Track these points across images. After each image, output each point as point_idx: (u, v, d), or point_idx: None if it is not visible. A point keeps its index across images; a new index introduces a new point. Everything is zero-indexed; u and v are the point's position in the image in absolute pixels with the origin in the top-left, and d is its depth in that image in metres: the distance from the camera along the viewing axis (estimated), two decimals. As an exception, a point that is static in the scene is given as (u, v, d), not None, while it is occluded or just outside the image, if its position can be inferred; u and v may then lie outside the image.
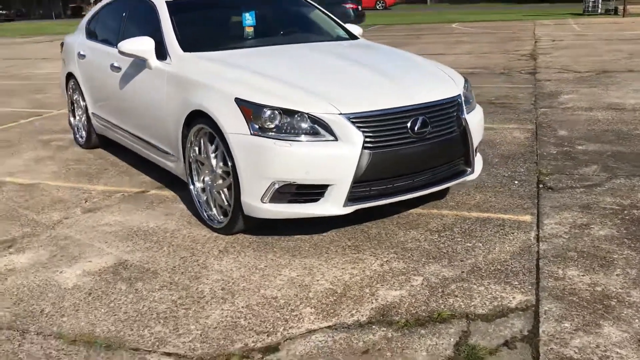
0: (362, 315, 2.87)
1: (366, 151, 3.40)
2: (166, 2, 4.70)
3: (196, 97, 3.80)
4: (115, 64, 4.94)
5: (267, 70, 3.88)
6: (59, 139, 6.76)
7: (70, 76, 6.19)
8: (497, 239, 3.66)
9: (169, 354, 2.63)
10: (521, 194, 4.43)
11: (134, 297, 3.13)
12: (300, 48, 4.49)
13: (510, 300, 2.96)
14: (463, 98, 3.95)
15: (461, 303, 2.95)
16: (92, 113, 5.78)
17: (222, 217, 3.83)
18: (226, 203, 3.75)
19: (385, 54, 4.62)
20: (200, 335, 2.76)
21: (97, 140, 6.01)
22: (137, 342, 2.73)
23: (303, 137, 3.39)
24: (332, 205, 3.44)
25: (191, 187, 4.10)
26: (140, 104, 4.60)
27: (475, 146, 3.97)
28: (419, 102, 3.61)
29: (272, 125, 3.41)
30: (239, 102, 3.50)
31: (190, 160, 4.03)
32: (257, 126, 3.43)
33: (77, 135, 6.36)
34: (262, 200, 3.47)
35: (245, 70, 3.85)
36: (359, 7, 23.06)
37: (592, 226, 3.80)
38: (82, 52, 5.83)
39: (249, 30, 4.86)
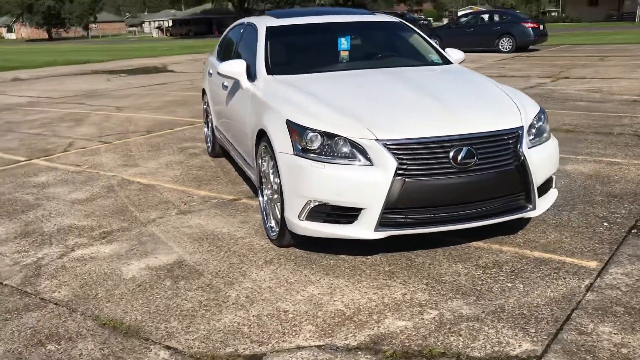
0: (355, 340, 2.91)
1: (399, 178, 3.41)
2: (267, 27, 5.08)
3: (263, 116, 4.09)
4: (225, 83, 5.44)
5: (328, 94, 4.04)
6: (195, 147, 7.52)
7: (203, 92, 6.90)
8: (543, 283, 3.42)
9: (168, 347, 2.92)
10: (603, 237, 4.05)
11: (171, 294, 3.48)
12: (375, 73, 4.56)
13: (514, 348, 2.79)
14: (529, 130, 3.75)
15: (461, 343, 2.85)
16: (215, 125, 6.38)
17: (276, 229, 4.06)
18: (279, 216, 3.98)
19: (460, 81, 4.50)
20: (204, 335, 3.01)
21: (219, 150, 6.61)
22: (150, 332, 3.06)
23: (340, 160, 3.51)
24: (364, 229, 3.50)
25: (260, 198, 4.39)
26: (235, 119, 5.04)
27: (538, 182, 3.74)
28: (466, 132, 3.52)
29: (314, 147, 3.57)
30: (289, 123, 3.71)
31: (261, 173, 4.33)
32: (300, 147, 3.61)
33: (207, 144, 7.05)
34: (299, 217, 3.64)
35: (309, 94, 4.04)
36: (541, 26, 21.91)
37: (664, 282, 3.38)
38: (210, 71, 6.48)
39: (344, 54, 5.05)
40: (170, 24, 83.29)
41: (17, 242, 4.43)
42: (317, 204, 3.56)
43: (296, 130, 3.65)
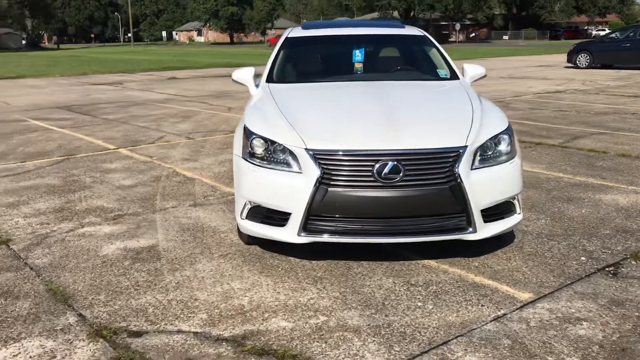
0: (230, 332, 3.12)
1: (322, 187, 3.53)
2: (286, 37, 5.37)
3: (243, 120, 4.40)
4: None
5: (298, 104, 4.25)
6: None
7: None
8: (454, 307, 3.34)
9: (80, 315, 3.34)
10: (566, 272, 3.79)
11: (121, 272, 3.91)
12: (361, 86, 4.66)
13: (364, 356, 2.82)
14: (480, 150, 3.66)
15: (319, 349, 2.93)
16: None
17: None
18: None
19: (437, 98, 4.42)
20: (114, 310, 3.39)
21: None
22: (77, 300, 3.50)
23: (276, 166, 3.70)
24: (289, 233, 3.66)
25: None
26: None
27: (482, 205, 3.63)
28: (394, 148, 3.53)
29: (259, 152, 3.80)
30: (245, 128, 3.99)
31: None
32: (248, 151, 3.87)
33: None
34: (241, 216, 3.89)
35: (282, 103, 4.25)
36: None
37: (584, 323, 3.14)
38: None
39: (358, 66, 5.19)
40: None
41: (47, 215, 5.17)
42: (253, 205, 3.79)
43: (247, 135, 3.91)
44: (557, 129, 9.13)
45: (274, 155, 3.73)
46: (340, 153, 3.56)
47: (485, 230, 3.71)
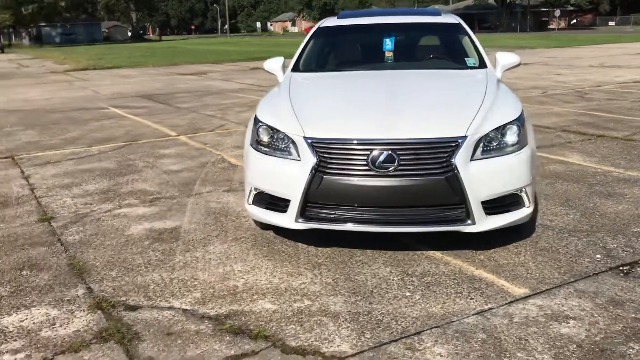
0: (216, 311, 3.26)
1: (318, 174, 3.59)
2: (319, 27, 5.43)
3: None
4: None
5: (313, 93, 4.34)
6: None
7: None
8: (442, 299, 3.31)
9: (89, 288, 3.60)
10: (574, 269, 3.64)
11: (139, 251, 4.16)
12: (381, 76, 4.66)
13: (331, 346, 2.88)
14: (484, 141, 3.58)
15: (292, 331, 3.01)
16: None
17: None
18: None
19: (451, 87, 4.31)
20: (120, 285, 3.62)
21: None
22: (91, 275, 3.77)
23: (278, 153, 3.80)
24: (289, 219, 3.75)
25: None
26: None
27: (482, 197, 3.55)
28: (389, 137, 3.53)
29: (265, 140, 3.92)
30: (255, 116, 4.11)
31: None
32: (256, 139, 3.99)
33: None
34: (248, 201, 4.03)
35: (296, 92, 4.33)
36: None
37: (570, 322, 3.03)
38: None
39: (388, 54, 5.18)
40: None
41: (93, 196, 5.55)
42: (258, 191, 3.91)
43: (255, 123, 4.03)
44: (627, 121, 8.60)
45: (277, 143, 3.82)
46: (336, 141, 3.60)
47: (487, 223, 3.63)
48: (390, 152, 3.49)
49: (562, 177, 5.64)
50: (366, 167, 3.52)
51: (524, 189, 3.72)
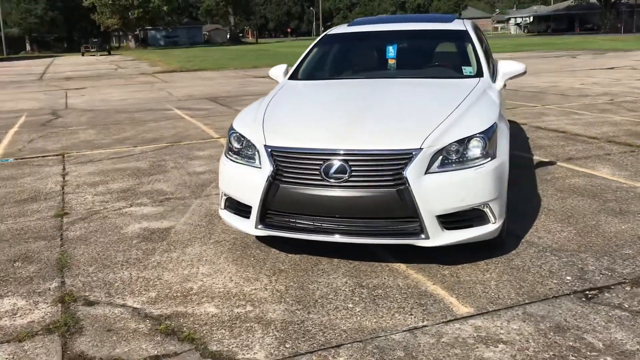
0: (161, 311, 3.40)
1: (275, 183, 3.65)
2: (326, 34, 5.48)
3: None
4: None
5: (289, 100, 4.39)
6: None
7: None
8: (381, 313, 3.27)
9: (62, 282, 3.86)
10: (534, 290, 3.48)
11: (124, 248, 4.39)
12: (368, 84, 4.66)
13: (253, 351, 2.95)
14: (443, 154, 3.51)
15: (219, 335, 3.10)
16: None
17: None
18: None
19: (432, 98, 4.19)
20: (90, 281, 3.85)
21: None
22: (71, 269, 4.04)
23: (244, 160, 3.90)
24: (250, 225, 3.84)
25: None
26: None
27: (436, 211, 3.48)
28: (342, 148, 3.53)
29: (236, 147, 4.02)
30: (231, 124, 4.23)
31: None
32: (228, 146, 4.11)
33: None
34: (220, 206, 4.15)
35: (277, 100, 4.43)
36: None
37: (499, 346, 2.92)
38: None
39: (391, 62, 5.15)
40: (531, 20, 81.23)
41: (112, 194, 5.89)
42: (227, 197, 4.02)
43: (229, 130, 4.15)
44: (688, 132, 7.97)
45: (245, 150, 3.91)
46: (291, 150, 3.64)
47: (444, 238, 3.54)
48: (342, 162, 3.49)
49: (578, 192, 5.35)
50: (319, 177, 3.53)
51: (487, 205, 3.59)
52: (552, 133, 8.18)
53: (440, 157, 3.52)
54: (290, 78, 5.11)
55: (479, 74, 4.68)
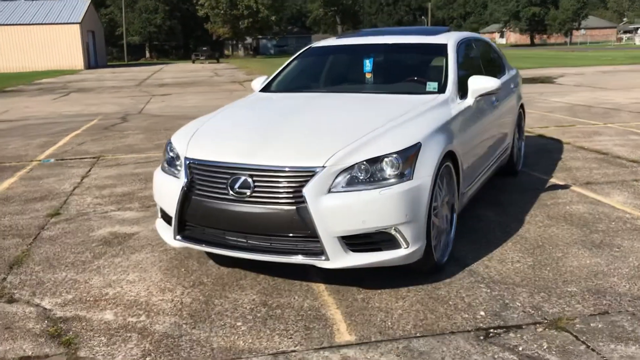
0: (64, 314, 3.50)
1: (189, 194, 3.67)
2: (310, 46, 5.43)
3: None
4: None
5: (234, 112, 4.41)
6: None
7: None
8: (261, 335, 3.20)
9: (4, 278, 4.10)
10: (434, 323, 3.24)
11: (80, 250, 4.58)
12: (326, 98, 4.63)
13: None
14: (351, 172, 3.38)
15: (95, 344, 3.17)
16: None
17: None
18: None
19: (375, 115, 3.98)
20: (25, 280, 4.05)
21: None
22: (21, 266, 4.28)
23: (170, 170, 3.95)
24: (170, 235, 3.87)
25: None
26: None
27: (337, 231, 3.34)
28: (247, 163, 3.48)
29: (168, 157, 4.07)
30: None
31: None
32: (165, 156, 4.17)
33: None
34: (158, 216, 4.23)
35: (225, 112, 4.48)
36: None
37: (351, 379, 2.76)
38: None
39: (368, 76, 5.03)
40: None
41: (111, 197, 6.16)
42: (159, 206, 4.09)
43: (167, 141, 4.23)
44: None
45: (174, 161, 3.95)
46: (204, 163, 3.64)
47: (346, 260, 3.39)
48: (247, 177, 3.45)
49: (570, 220, 4.92)
50: (226, 192, 3.51)
51: (396, 228, 3.39)
52: (591, 154, 7.57)
53: (348, 176, 3.38)
54: (263, 90, 5.11)
55: (442, 90, 4.43)
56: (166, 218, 3.95)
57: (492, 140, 5.12)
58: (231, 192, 3.47)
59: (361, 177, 3.38)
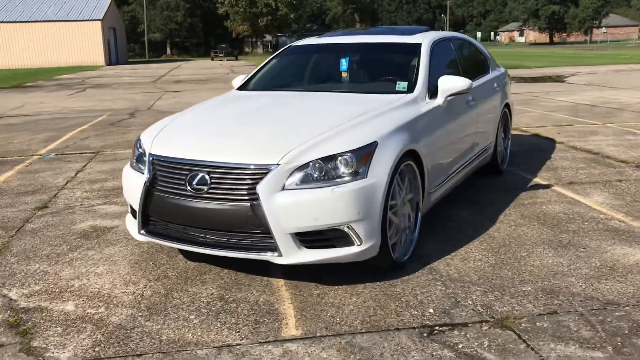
0: (27, 304, 3.62)
1: (152, 190, 3.77)
2: (291, 45, 5.50)
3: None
4: None
5: (204, 110, 4.49)
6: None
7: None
8: (210, 328, 3.28)
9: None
10: (383, 320, 3.30)
11: (59, 242, 4.71)
12: (297, 96, 4.67)
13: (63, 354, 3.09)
14: (306, 170, 3.44)
15: (50, 335, 3.27)
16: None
17: None
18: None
19: (340, 113, 4.03)
20: (9, 270, 4.20)
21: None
22: (5, 256, 4.43)
23: (138, 167, 4.03)
24: (135, 229, 3.97)
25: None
26: None
27: (289, 228, 3.41)
28: (204, 159, 3.56)
29: (136, 153, 4.17)
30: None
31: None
32: (135, 153, 4.26)
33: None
34: (128, 212, 4.32)
35: (196, 109, 4.57)
36: None
37: (287, 372, 2.82)
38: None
39: (344, 75, 5.08)
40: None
41: (100, 192, 6.28)
42: (128, 202, 4.19)
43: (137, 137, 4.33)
44: None
45: (142, 157, 4.05)
46: (164, 159, 3.73)
47: (299, 256, 3.45)
48: (204, 174, 3.53)
49: (542, 220, 4.92)
50: (184, 188, 3.59)
51: (349, 226, 3.44)
52: (582, 154, 7.53)
53: (303, 174, 3.44)
54: (240, 88, 5.18)
55: (411, 89, 4.47)
56: (133, 213, 4.05)
57: (468, 140, 5.14)
58: (189, 188, 3.55)
59: (315, 175, 3.44)
